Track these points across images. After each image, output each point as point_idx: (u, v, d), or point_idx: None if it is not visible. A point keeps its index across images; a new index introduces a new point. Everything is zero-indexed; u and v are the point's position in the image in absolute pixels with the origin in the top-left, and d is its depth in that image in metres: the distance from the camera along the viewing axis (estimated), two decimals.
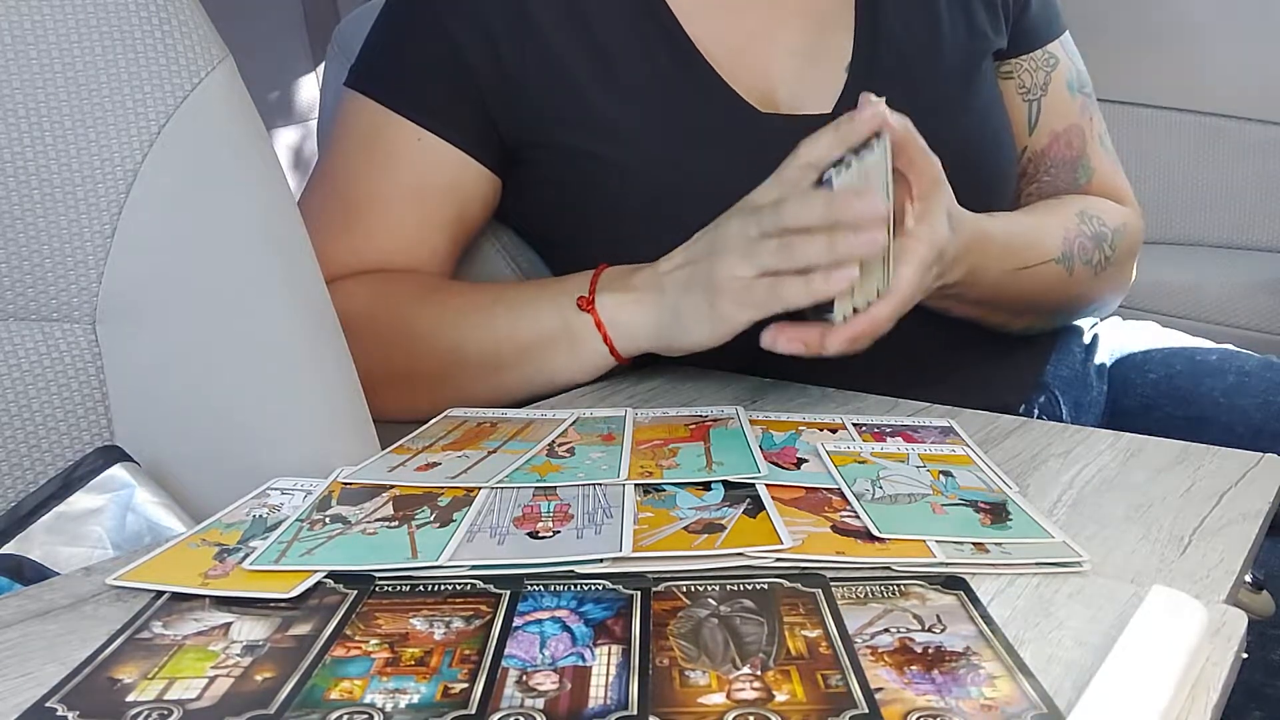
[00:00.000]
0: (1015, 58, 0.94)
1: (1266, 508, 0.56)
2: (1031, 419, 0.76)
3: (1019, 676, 0.40)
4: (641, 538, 0.50)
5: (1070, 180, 0.95)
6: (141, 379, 0.62)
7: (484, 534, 0.51)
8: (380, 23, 0.87)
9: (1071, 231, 0.88)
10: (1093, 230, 0.89)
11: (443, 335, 0.78)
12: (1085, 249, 0.88)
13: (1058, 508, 0.56)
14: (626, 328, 0.74)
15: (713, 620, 0.44)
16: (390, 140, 0.83)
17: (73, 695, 0.40)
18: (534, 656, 0.42)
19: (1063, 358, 1.00)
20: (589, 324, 0.75)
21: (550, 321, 0.76)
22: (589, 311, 0.75)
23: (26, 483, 0.59)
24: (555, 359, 0.77)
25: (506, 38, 0.81)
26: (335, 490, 0.57)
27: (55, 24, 0.59)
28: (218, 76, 0.62)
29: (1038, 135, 0.95)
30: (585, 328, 0.75)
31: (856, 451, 0.62)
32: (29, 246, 0.59)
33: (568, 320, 0.75)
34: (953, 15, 0.88)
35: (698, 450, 0.62)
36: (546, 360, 0.77)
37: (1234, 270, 1.51)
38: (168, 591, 0.47)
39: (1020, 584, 0.48)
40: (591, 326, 0.75)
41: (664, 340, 0.74)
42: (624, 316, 0.74)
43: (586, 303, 0.75)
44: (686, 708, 0.38)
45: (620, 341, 0.75)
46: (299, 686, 0.40)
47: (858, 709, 0.38)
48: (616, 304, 0.75)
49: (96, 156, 0.60)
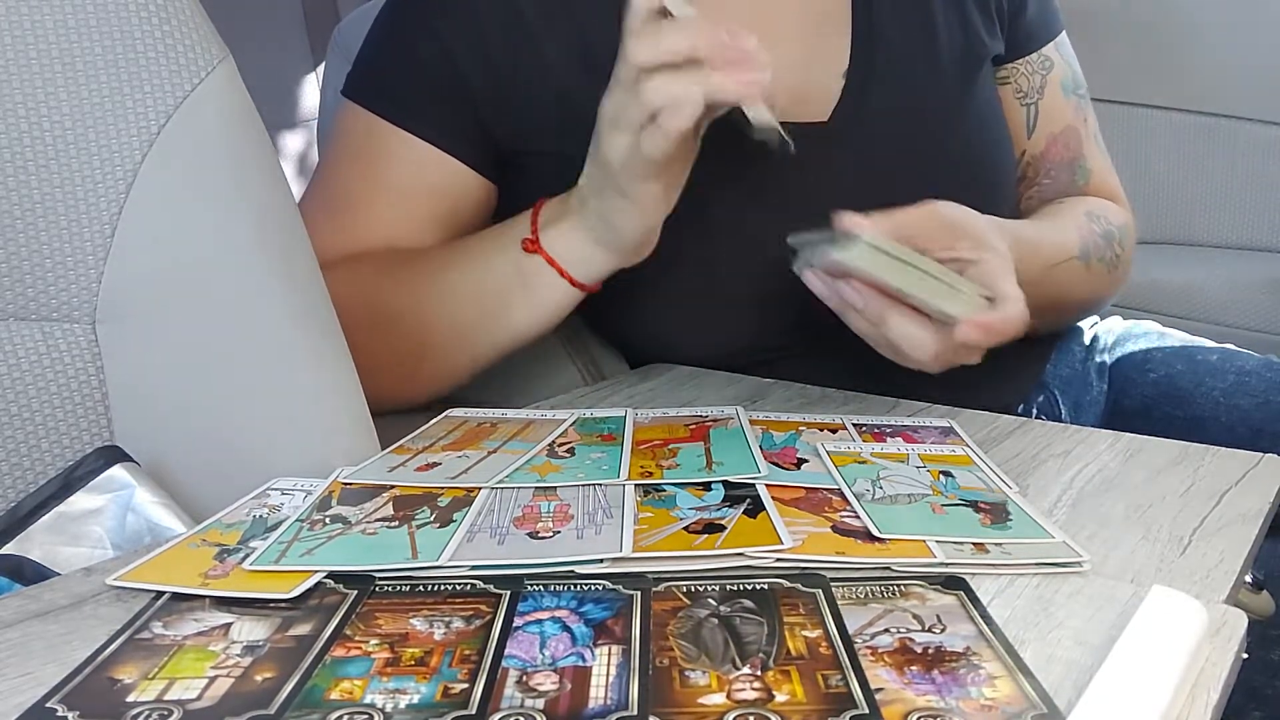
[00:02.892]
0: (1012, 62, 0.94)
1: (1266, 508, 0.56)
2: (1031, 419, 0.76)
3: (1019, 676, 0.40)
4: (641, 538, 0.50)
5: (1069, 182, 0.96)
6: (141, 379, 0.62)
7: (484, 534, 0.51)
8: (375, 30, 0.87)
9: (1085, 230, 0.89)
10: (1102, 229, 0.90)
11: (409, 315, 0.78)
12: (1099, 246, 0.89)
13: (1058, 508, 0.56)
14: (575, 253, 0.74)
15: (713, 620, 0.44)
16: (382, 146, 0.83)
17: (73, 695, 0.40)
18: (534, 657, 0.42)
19: (1063, 357, 1.00)
20: (541, 264, 0.74)
21: (502, 271, 0.76)
22: (536, 251, 0.74)
23: (26, 483, 0.59)
24: (520, 307, 0.76)
25: (500, 45, 0.81)
26: (335, 490, 0.57)
27: (55, 24, 0.59)
28: (218, 76, 0.62)
29: (1036, 139, 0.95)
30: (539, 268, 0.75)
31: (856, 452, 0.62)
32: (29, 246, 0.59)
33: (520, 266, 0.75)
34: (948, 21, 0.88)
35: (698, 450, 0.62)
36: (510, 311, 0.77)
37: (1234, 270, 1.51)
38: (168, 592, 0.47)
39: (1020, 584, 0.48)
40: (544, 265, 0.74)
41: (609, 249, 0.73)
42: (567, 243, 0.74)
43: (532, 244, 0.75)
44: (686, 708, 0.38)
45: (575, 269, 0.75)
46: (299, 687, 0.40)
47: (858, 709, 0.38)
48: (558, 234, 0.74)
49: (96, 156, 0.60)
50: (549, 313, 0.77)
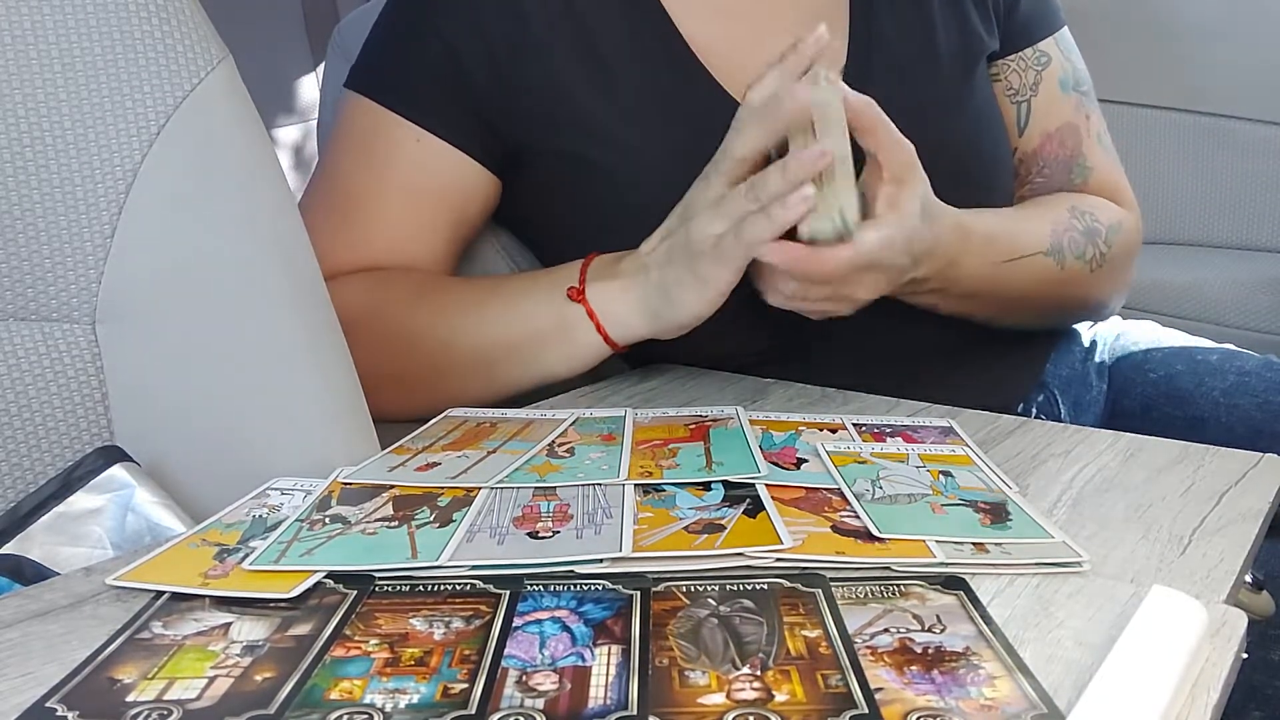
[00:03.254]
0: (1004, 58, 0.93)
1: (1266, 508, 0.56)
2: (1031, 419, 0.76)
3: (1019, 676, 0.40)
4: (641, 538, 0.50)
5: (1065, 180, 0.95)
6: (141, 379, 0.62)
7: (484, 534, 0.51)
8: (379, 25, 0.87)
9: (1061, 225, 0.87)
10: (1085, 225, 0.88)
11: (436, 334, 0.78)
12: (1077, 243, 0.87)
13: (1058, 508, 0.56)
14: (618, 315, 0.74)
15: (712, 620, 0.44)
16: (388, 140, 0.83)
17: (73, 695, 0.40)
18: (534, 656, 0.42)
19: (1062, 357, 1.00)
20: (581, 315, 0.75)
21: (543, 315, 0.76)
22: (580, 302, 0.75)
23: (26, 483, 0.59)
24: (550, 352, 0.77)
25: (503, 43, 0.81)
26: (335, 490, 0.57)
27: (55, 24, 0.59)
28: (218, 76, 0.62)
29: (1028, 136, 0.94)
30: (578, 319, 0.75)
31: (856, 451, 0.62)
32: (29, 246, 0.59)
33: (560, 312, 0.75)
34: (945, 18, 0.88)
35: (698, 450, 0.62)
36: (541, 354, 0.77)
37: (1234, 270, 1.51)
38: (168, 591, 0.47)
39: (1020, 584, 0.48)
40: (584, 317, 0.75)
41: (657, 320, 0.74)
42: (614, 303, 0.74)
43: (577, 293, 0.75)
44: (686, 708, 0.38)
45: (613, 329, 0.75)
46: (299, 686, 0.40)
47: (858, 709, 0.38)
48: (606, 291, 0.75)
49: (96, 156, 0.60)
50: (577, 362, 0.77)
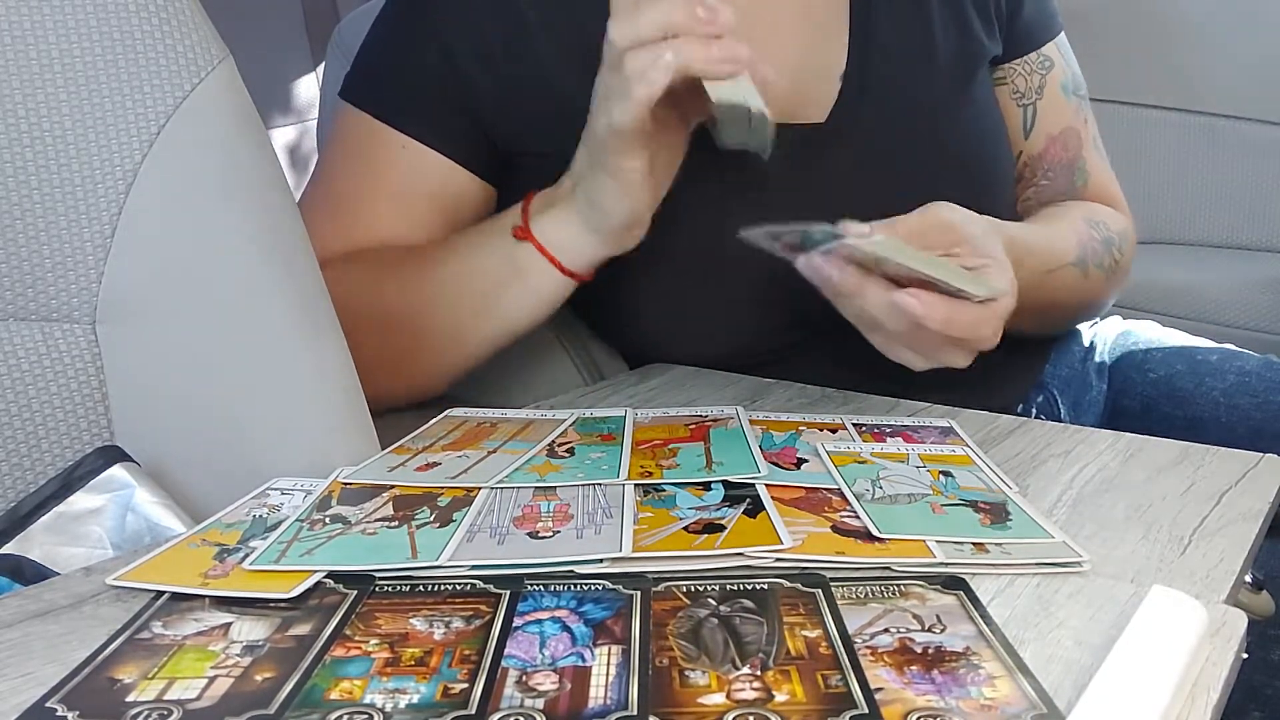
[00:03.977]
0: (1009, 62, 0.93)
1: (1266, 508, 0.56)
2: (1031, 419, 0.76)
3: (1019, 676, 0.40)
4: (641, 538, 0.50)
5: (1067, 183, 0.95)
6: (141, 379, 0.62)
7: (484, 534, 0.51)
8: (375, 32, 0.86)
9: (1083, 235, 0.88)
10: (1101, 235, 0.90)
11: (407, 305, 0.78)
12: (1097, 253, 0.89)
13: (1058, 508, 0.56)
14: (563, 240, 0.74)
15: (712, 620, 0.44)
16: (378, 147, 0.83)
17: (73, 695, 0.40)
18: (534, 656, 0.42)
19: (1062, 357, 1.00)
20: (531, 251, 0.75)
21: (497, 261, 0.76)
22: (527, 239, 0.75)
23: (26, 483, 0.59)
24: (512, 298, 0.76)
25: (500, 45, 0.81)
26: (335, 490, 0.57)
27: (55, 24, 0.59)
28: (218, 76, 0.62)
29: (1033, 139, 0.95)
30: (529, 256, 0.75)
31: (856, 451, 0.62)
32: (29, 246, 0.59)
33: (511, 254, 0.75)
34: (946, 22, 0.88)
35: (698, 450, 0.62)
36: (504, 301, 0.77)
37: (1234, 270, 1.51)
38: (168, 591, 0.47)
39: (1020, 584, 0.48)
40: (534, 253, 0.75)
41: (598, 234, 0.74)
42: (558, 231, 0.74)
43: (523, 231, 0.75)
44: (686, 708, 0.38)
45: (564, 256, 0.75)
46: (299, 686, 0.40)
47: (858, 709, 0.38)
48: (547, 221, 0.75)
49: (96, 157, 0.60)
50: (541, 302, 0.77)
